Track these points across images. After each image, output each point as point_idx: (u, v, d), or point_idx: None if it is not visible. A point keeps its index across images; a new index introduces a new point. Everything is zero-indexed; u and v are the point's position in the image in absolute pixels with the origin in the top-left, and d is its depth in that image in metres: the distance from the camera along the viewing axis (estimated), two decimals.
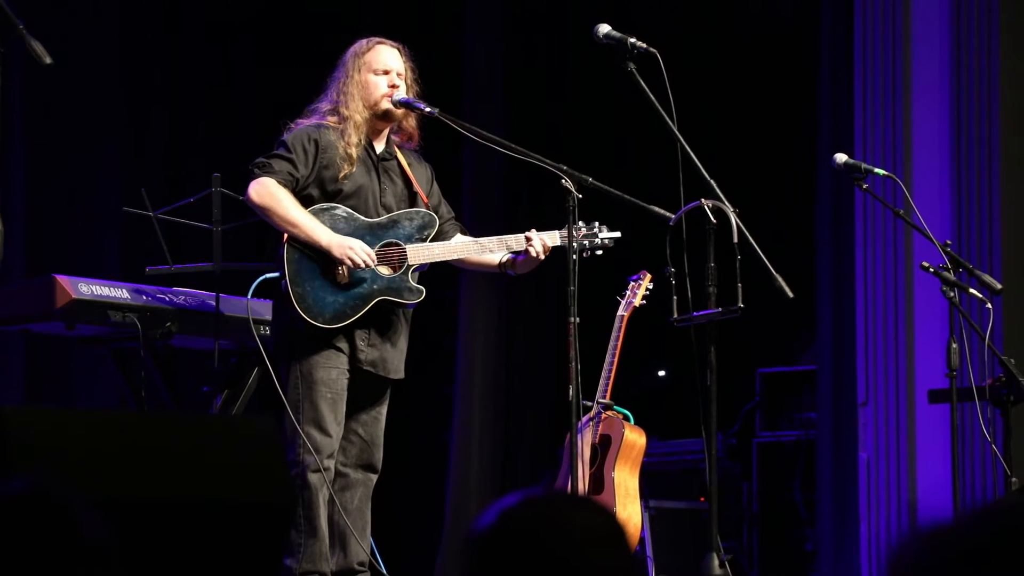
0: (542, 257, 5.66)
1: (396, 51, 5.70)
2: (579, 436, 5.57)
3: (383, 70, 5.64)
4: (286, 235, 5.47)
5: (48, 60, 4.56)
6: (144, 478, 3.51)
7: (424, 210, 5.69)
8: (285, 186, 5.48)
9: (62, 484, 1.76)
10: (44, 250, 8.05)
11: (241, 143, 8.25)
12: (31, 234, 8.04)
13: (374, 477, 5.66)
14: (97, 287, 5.93)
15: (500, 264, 5.78)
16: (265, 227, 5.57)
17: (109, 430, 3.57)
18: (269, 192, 5.46)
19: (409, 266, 5.59)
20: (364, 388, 5.60)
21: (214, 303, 6.06)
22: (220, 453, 3.83)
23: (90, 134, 8.41)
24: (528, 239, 5.64)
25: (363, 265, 5.48)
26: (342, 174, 5.55)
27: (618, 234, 5.75)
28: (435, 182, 5.85)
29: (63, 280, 5.87)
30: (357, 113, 5.59)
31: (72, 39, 8.04)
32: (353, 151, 5.56)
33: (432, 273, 5.79)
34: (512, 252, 5.73)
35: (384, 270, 5.57)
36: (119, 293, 5.99)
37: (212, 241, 6.22)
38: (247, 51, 9.15)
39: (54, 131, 8.27)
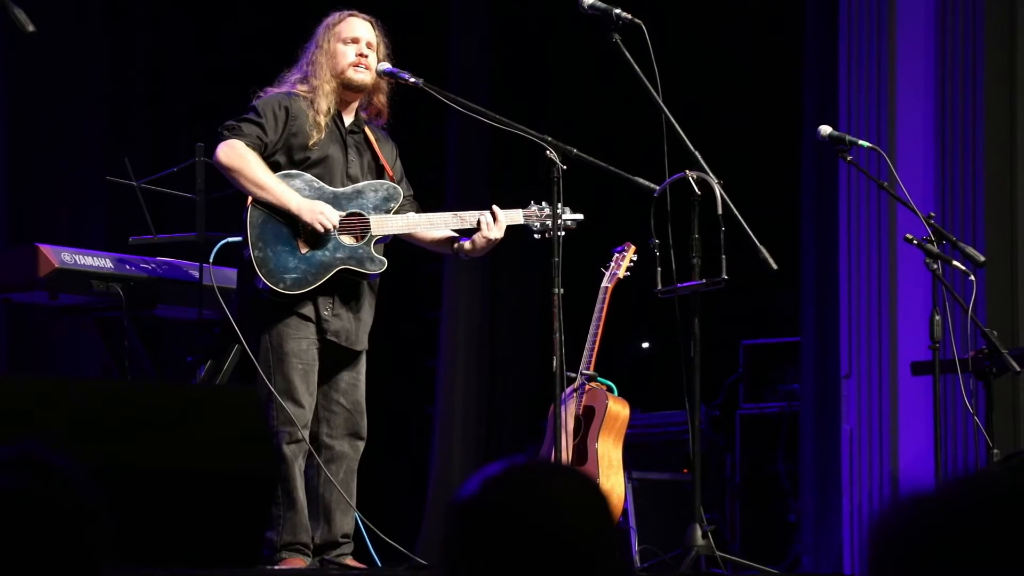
0: (491, 236, 5.61)
1: (368, 23, 5.68)
2: (563, 407, 5.58)
3: (352, 39, 5.62)
4: (251, 198, 5.46)
5: (31, 28, 4.54)
6: (128, 447, 3.51)
7: (389, 182, 5.67)
8: (254, 149, 5.48)
9: (50, 448, 1.76)
10: (27, 219, 8.03)
11: (225, 113, 8.22)
12: (14, 203, 8.02)
13: (361, 445, 5.65)
14: (80, 256, 5.92)
15: (454, 250, 5.74)
16: (236, 187, 5.53)
17: (92, 399, 3.57)
18: (238, 153, 5.45)
19: (372, 236, 5.57)
20: (337, 357, 5.59)
21: (197, 273, 6.05)
22: (204, 423, 3.83)
23: (73, 103, 8.38)
24: (479, 220, 5.59)
25: (332, 230, 5.46)
26: (311, 142, 5.54)
27: (580, 216, 5.69)
28: (399, 160, 5.83)
29: (46, 249, 5.85)
30: (325, 82, 5.58)
31: (56, 7, 8.01)
32: (322, 119, 5.55)
33: (413, 247, 5.78)
34: (469, 228, 5.67)
35: (347, 239, 5.55)
36: (102, 263, 5.98)
37: (196, 211, 6.21)
38: (232, 21, 9.11)
39: (37, 100, 8.24)
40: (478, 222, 5.62)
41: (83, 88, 8.41)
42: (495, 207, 5.63)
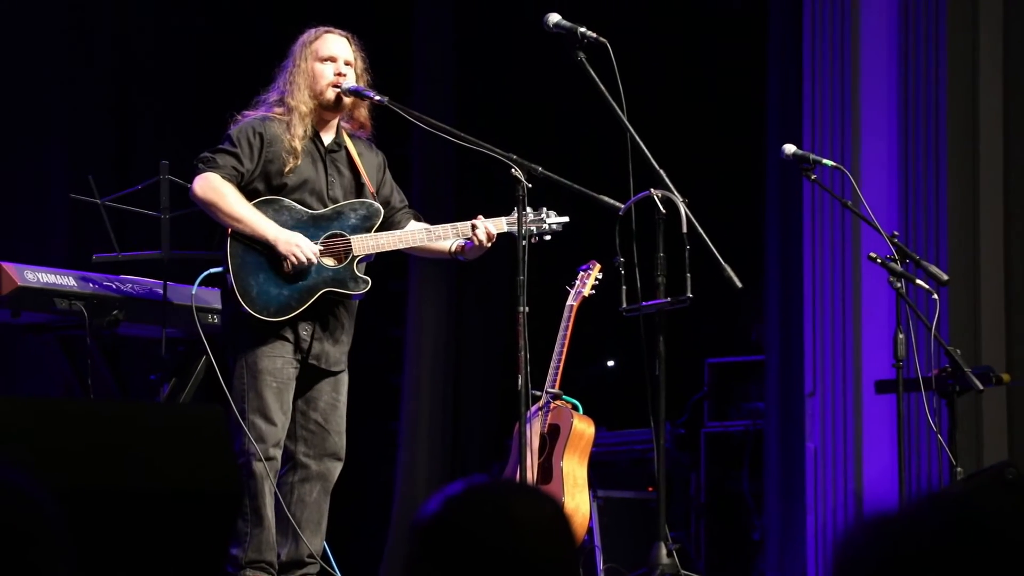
0: (487, 244, 5.65)
1: (345, 40, 5.67)
2: (528, 426, 5.58)
3: (329, 57, 5.60)
4: (230, 229, 5.44)
5: None
6: (90, 466, 3.48)
7: (368, 200, 5.65)
8: (230, 181, 5.45)
9: (11, 466, 1.74)
10: None
11: (190, 131, 8.21)
12: None
13: (337, 466, 5.63)
14: (43, 274, 5.89)
15: (450, 251, 5.75)
16: (214, 220, 5.52)
17: (55, 418, 3.54)
18: (213, 187, 5.42)
19: (354, 257, 5.57)
20: (315, 377, 5.58)
21: (161, 291, 6.03)
22: (167, 442, 3.81)
23: (36, 119, 8.35)
24: (474, 227, 5.62)
25: (307, 263, 5.46)
26: (287, 168, 5.52)
27: (566, 219, 5.75)
28: (387, 170, 5.82)
29: (9, 267, 5.82)
30: (303, 103, 5.55)
31: (18, 20, 7.98)
32: (298, 144, 5.52)
33: (380, 264, 5.77)
34: (462, 239, 5.70)
35: (329, 261, 5.54)
36: (65, 280, 5.95)
37: (160, 229, 6.19)
38: (196, 38, 9.09)
39: (0, 117, 8.20)
40: (473, 230, 5.61)
41: (46, 105, 8.38)
42: (480, 217, 5.64)
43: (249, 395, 5.44)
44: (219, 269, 5.55)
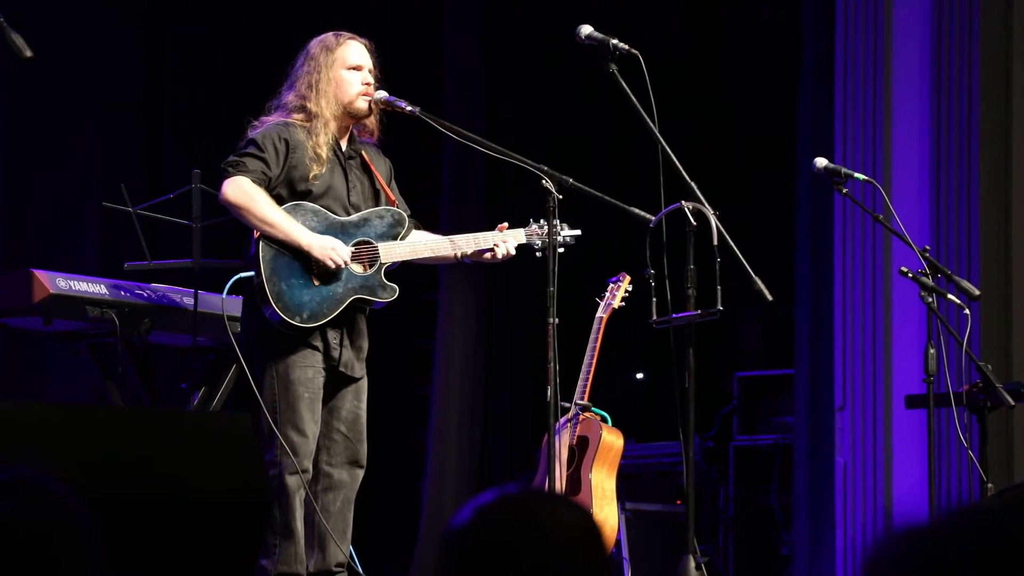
0: (507, 255, 5.65)
1: (364, 47, 5.66)
2: (557, 437, 5.57)
3: (356, 66, 5.59)
4: (257, 233, 5.44)
5: (28, 53, 4.54)
6: (120, 474, 3.49)
7: (394, 208, 5.66)
8: (259, 184, 5.44)
9: (43, 474, 1.75)
10: (22, 245, 8.03)
11: (220, 139, 8.23)
12: (9, 229, 8.02)
13: (360, 473, 5.63)
14: (75, 282, 5.91)
15: (457, 256, 5.73)
16: (244, 224, 5.52)
17: (85, 426, 3.55)
18: (244, 191, 5.41)
19: (382, 264, 5.57)
20: (338, 385, 5.58)
21: (192, 300, 6.05)
22: (197, 450, 3.82)
23: (70, 129, 8.38)
24: (495, 243, 5.60)
25: (343, 266, 5.46)
26: (312, 175, 5.50)
27: (578, 232, 5.73)
28: (394, 178, 5.82)
29: (41, 275, 5.84)
30: (328, 110, 5.53)
31: (52, 33, 8.02)
32: (323, 151, 5.51)
33: (409, 274, 5.77)
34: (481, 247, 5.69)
35: (357, 268, 5.54)
36: (97, 288, 5.97)
37: (191, 237, 6.20)
38: (226, 46, 9.12)
39: (33, 125, 8.24)
40: (492, 245, 5.61)
41: (79, 115, 8.41)
42: (505, 225, 5.64)
43: (281, 406, 5.42)
44: (248, 275, 5.54)
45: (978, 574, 1.59)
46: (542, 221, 5.55)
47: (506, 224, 5.66)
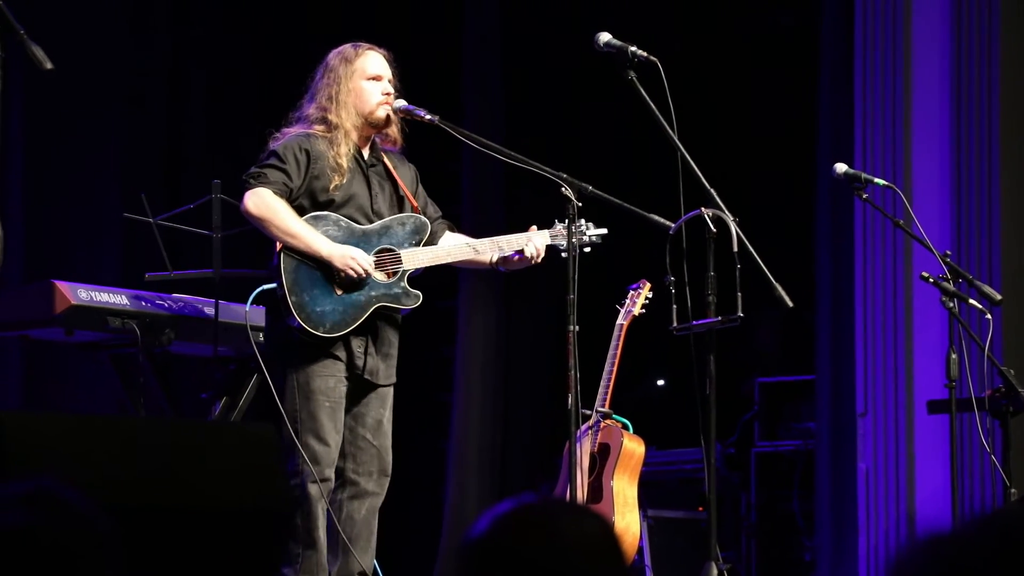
0: (536, 261, 5.66)
1: (383, 57, 5.67)
2: (578, 445, 5.56)
3: (375, 76, 5.60)
4: (280, 244, 5.45)
5: (49, 65, 4.55)
6: (142, 484, 3.50)
7: (416, 215, 5.66)
8: (281, 196, 5.45)
9: (65, 483, 1.75)
10: (43, 256, 8.04)
11: (241, 149, 8.24)
12: (30, 240, 8.04)
13: (386, 482, 5.62)
14: (96, 293, 5.93)
15: (491, 263, 5.74)
16: (266, 236, 5.53)
17: (107, 436, 3.56)
18: (266, 203, 5.42)
19: (405, 271, 5.57)
20: (364, 393, 5.58)
21: (213, 310, 6.06)
22: (218, 460, 3.82)
23: (90, 139, 8.41)
24: (525, 243, 5.62)
25: (364, 275, 5.47)
26: (333, 185, 5.51)
27: (604, 231, 5.73)
28: (420, 183, 5.82)
29: (62, 286, 5.86)
30: (348, 121, 5.54)
31: (72, 44, 8.04)
32: (344, 161, 5.51)
33: (430, 281, 5.77)
34: (506, 251, 5.69)
35: (380, 276, 5.55)
36: (118, 299, 5.98)
37: (212, 247, 6.21)
38: (247, 55, 9.14)
39: (54, 136, 8.26)
40: (521, 249, 5.62)
41: (100, 125, 8.43)
42: (534, 228, 5.64)
43: (302, 415, 5.43)
44: (272, 286, 5.55)
45: None
46: (567, 222, 5.54)
47: (535, 227, 5.67)
